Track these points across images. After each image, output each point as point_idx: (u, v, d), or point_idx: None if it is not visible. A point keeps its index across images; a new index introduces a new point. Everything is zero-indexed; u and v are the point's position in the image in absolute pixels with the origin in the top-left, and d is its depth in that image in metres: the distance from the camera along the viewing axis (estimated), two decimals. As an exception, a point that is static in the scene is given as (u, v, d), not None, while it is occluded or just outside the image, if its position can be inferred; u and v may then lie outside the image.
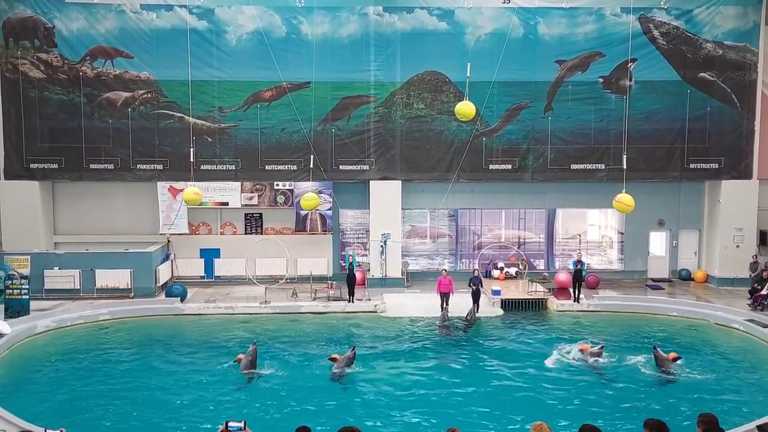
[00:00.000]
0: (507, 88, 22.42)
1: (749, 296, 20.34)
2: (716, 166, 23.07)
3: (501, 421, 12.58)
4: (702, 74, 22.76)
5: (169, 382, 14.58)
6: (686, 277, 24.14)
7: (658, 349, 15.43)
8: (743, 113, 22.84)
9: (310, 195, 19.27)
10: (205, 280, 23.50)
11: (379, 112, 22.72)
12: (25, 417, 11.67)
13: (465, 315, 19.28)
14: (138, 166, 22.43)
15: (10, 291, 18.63)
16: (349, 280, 20.66)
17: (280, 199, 23.89)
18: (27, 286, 18.78)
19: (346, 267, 21.30)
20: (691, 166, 23.06)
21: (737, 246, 23.11)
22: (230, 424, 6.48)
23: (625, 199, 16.35)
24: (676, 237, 24.56)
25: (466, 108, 15.94)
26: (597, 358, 15.58)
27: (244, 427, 6.46)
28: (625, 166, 18.40)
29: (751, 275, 21.57)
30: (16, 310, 18.44)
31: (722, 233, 23.23)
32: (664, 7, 22.44)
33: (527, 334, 18.33)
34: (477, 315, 19.44)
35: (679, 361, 15.14)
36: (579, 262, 20.80)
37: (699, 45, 22.65)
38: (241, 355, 15.23)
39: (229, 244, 23.74)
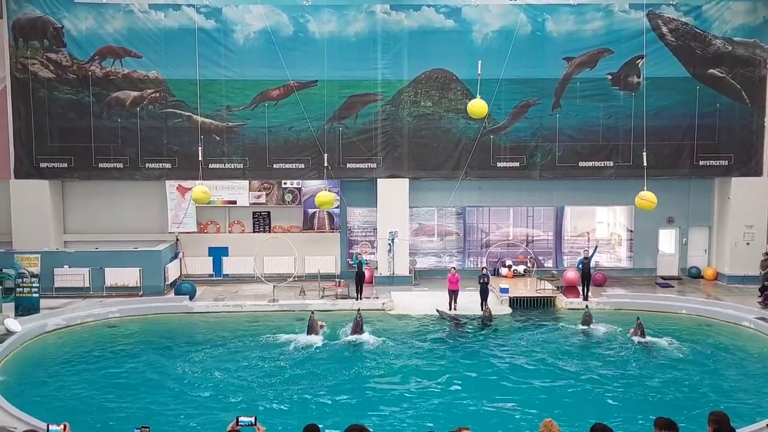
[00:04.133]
0: (515, 86, 22.35)
1: (759, 294, 20.21)
2: (726, 162, 22.92)
3: (511, 418, 12.57)
4: (711, 70, 22.61)
5: (177, 379, 14.65)
6: (696, 274, 24.01)
7: (641, 323, 17.20)
8: (753, 109, 22.68)
9: (325, 193, 19.21)
10: (214, 278, 23.56)
11: (386, 110, 22.71)
12: (35, 414, 11.76)
13: (482, 314, 19.37)
14: (147, 165, 22.53)
15: (21, 289, 18.77)
16: (357, 277, 20.73)
17: (288, 197, 23.94)
18: (37, 285, 18.92)
19: (355, 265, 21.36)
20: (701, 163, 22.92)
21: (747, 243, 22.96)
22: (241, 419, 6.50)
23: (647, 195, 16.36)
24: (685, 234, 24.42)
25: (477, 107, 15.91)
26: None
27: (255, 422, 6.48)
28: (645, 163, 18.80)
29: (761, 273, 21.41)
30: (27, 308, 18.57)
31: (732, 230, 23.09)
32: (672, 3, 22.30)
33: (536, 332, 18.29)
34: (490, 312, 19.49)
35: (636, 337, 17.10)
36: (586, 258, 20.80)
37: (708, 41, 22.51)
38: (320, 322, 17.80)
39: (238, 243, 23.81)
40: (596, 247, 22.29)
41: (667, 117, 22.70)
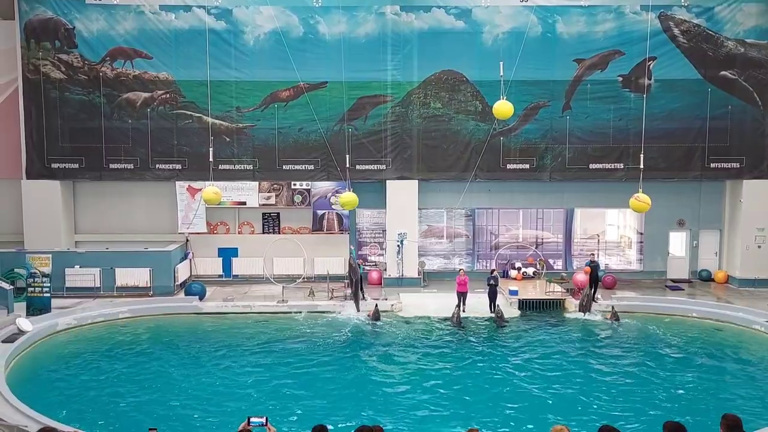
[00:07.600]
0: (525, 87, 22.27)
1: (771, 297, 20.10)
2: (737, 165, 22.77)
3: (520, 420, 12.53)
4: (723, 72, 22.48)
5: (187, 379, 14.71)
6: (707, 277, 23.85)
7: (615, 311, 19.20)
8: (765, 112, 22.52)
9: (349, 194, 19.25)
10: (224, 278, 23.63)
11: (396, 111, 22.71)
12: (47, 413, 11.80)
13: (494, 316, 19.39)
14: (157, 165, 22.63)
15: (32, 289, 18.86)
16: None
17: (298, 198, 23.97)
18: (48, 285, 19.00)
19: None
20: (712, 165, 22.78)
21: (759, 246, 22.80)
22: (252, 419, 6.49)
23: (643, 197, 16.32)
24: (696, 237, 24.27)
25: (502, 108, 16.01)
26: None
27: (266, 422, 6.47)
28: (642, 165, 18.29)
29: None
30: (38, 308, 18.67)
31: (743, 233, 22.92)
32: (684, 5, 22.18)
33: (545, 333, 18.24)
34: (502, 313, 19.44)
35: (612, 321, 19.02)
36: (592, 262, 20.73)
37: (720, 43, 22.38)
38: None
39: (247, 244, 23.87)
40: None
41: (679, 119, 22.58)
